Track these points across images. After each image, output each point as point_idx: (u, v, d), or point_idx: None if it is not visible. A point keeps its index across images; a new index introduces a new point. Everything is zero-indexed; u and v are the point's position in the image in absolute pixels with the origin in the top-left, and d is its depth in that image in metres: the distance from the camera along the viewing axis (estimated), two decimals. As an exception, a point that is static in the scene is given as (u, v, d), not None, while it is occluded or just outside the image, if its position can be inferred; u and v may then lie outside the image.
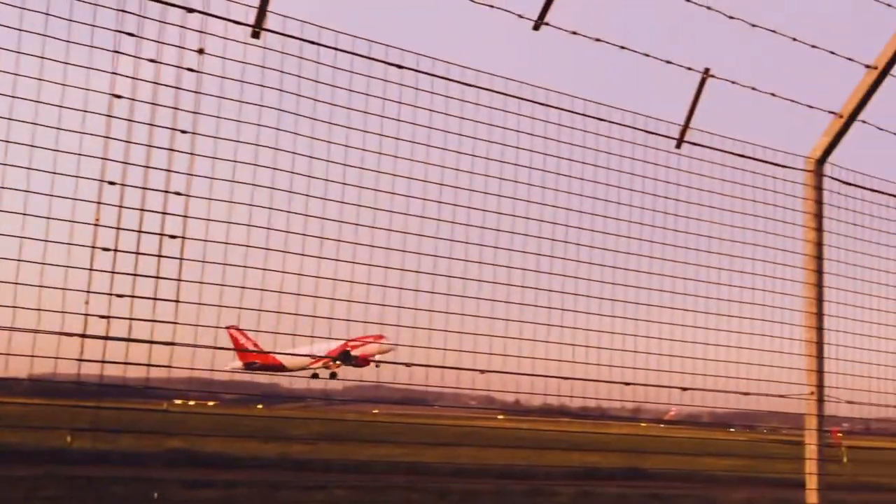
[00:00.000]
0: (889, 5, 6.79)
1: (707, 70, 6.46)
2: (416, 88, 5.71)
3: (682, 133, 6.69)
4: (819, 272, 7.23)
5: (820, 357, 7.07)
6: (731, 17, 6.28)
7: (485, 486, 19.08)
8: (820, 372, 7.04)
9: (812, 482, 6.95)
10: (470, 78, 5.90)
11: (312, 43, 5.42)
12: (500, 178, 6.03)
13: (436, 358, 5.69)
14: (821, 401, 7.01)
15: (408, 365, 5.64)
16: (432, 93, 5.74)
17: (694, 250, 6.77)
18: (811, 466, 6.95)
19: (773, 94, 6.78)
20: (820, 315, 7.16)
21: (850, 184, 7.55)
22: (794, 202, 7.35)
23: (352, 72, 5.53)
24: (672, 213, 6.70)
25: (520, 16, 5.73)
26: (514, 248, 6.05)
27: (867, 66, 7.00)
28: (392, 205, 5.63)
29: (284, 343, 5.35)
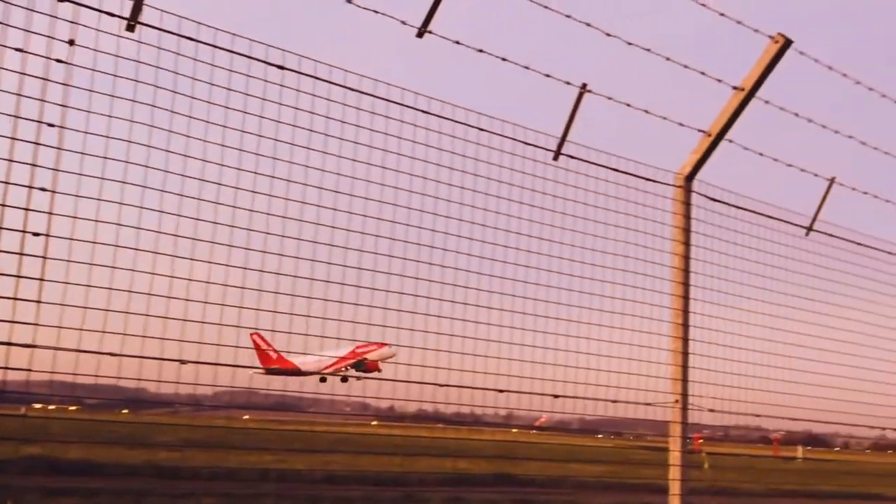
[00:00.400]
0: (756, 30, 7.10)
1: (584, 85, 6.61)
2: (298, 90, 5.64)
3: (560, 146, 6.82)
4: (686, 284, 7.48)
5: (685, 366, 7.32)
6: (608, 35, 6.44)
7: (356, 494, 18.97)
8: (684, 381, 7.28)
9: (675, 488, 7.18)
10: (353, 82, 5.87)
11: (190, 39, 5.28)
12: (382, 185, 6.02)
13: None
14: (685, 408, 7.25)
15: (279, 373, 5.54)
16: (313, 95, 5.68)
17: (568, 260, 6.92)
18: (674, 472, 7.18)
19: (646, 111, 6.99)
20: (686, 326, 7.41)
21: (715, 200, 7.86)
22: (664, 216, 7.59)
23: (231, 70, 5.41)
24: (548, 224, 6.83)
25: (403, 22, 5.73)
26: (392, 255, 6.04)
27: (734, 88, 7.30)
28: (269, 207, 5.53)
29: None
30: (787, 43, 7.07)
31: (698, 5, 6.72)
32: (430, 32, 5.89)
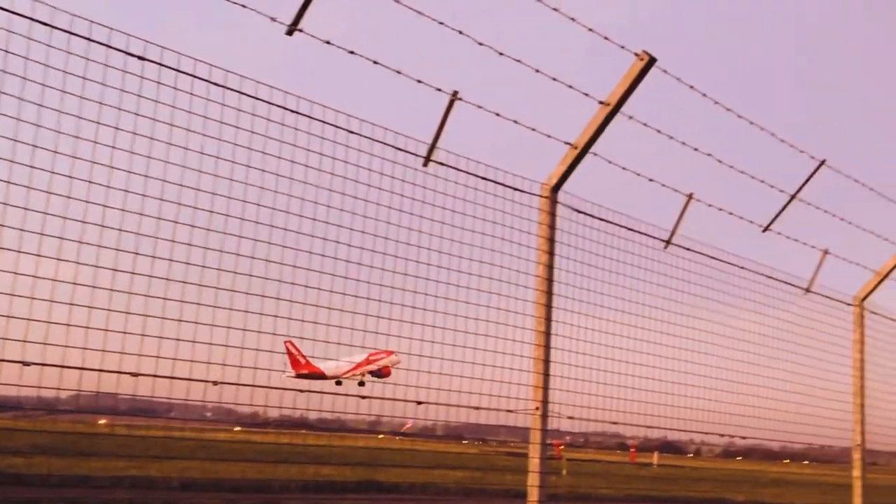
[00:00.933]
0: (622, 47, 7.28)
1: (455, 93, 6.62)
2: (159, 83, 5.42)
3: (430, 152, 6.82)
4: (549, 293, 7.59)
5: (546, 374, 7.41)
6: (480, 44, 6.47)
7: (213, 501, 18.50)
8: (545, 388, 7.38)
9: (534, 494, 7.26)
10: (218, 77, 5.69)
11: (44, 24, 4.99)
12: (246, 183, 5.87)
13: (165, 368, 5.41)
14: (545, 416, 7.34)
15: (134, 375, 5.31)
16: (175, 89, 5.47)
17: (435, 267, 6.91)
18: (533, 479, 7.26)
19: (515, 122, 7.05)
20: (548, 334, 7.51)
21: (580, 211, 8.01)
22: (531, 226, 7.68)
23: (87, 59, 5.15)
24: (415, 230, 6.81)
25: (273, 19, 5.60)
26: (255, 257, 5.89)
27: (600, 102, 7.46)
28: (125, 204, 5.29)
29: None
30: (652, 61, 7.28)
31: (588, 15, 6.84)
32: (300, 31, 5.77)
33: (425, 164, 6.84)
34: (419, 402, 6.61)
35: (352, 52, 6.00)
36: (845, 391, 11.58)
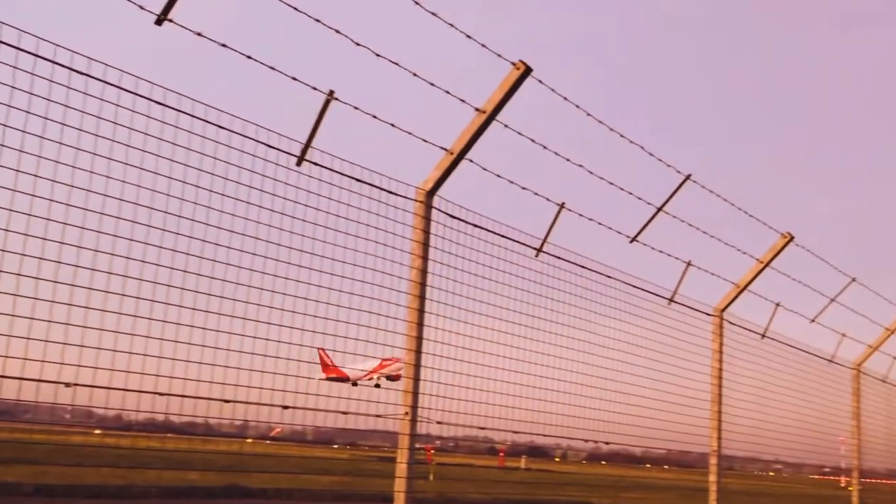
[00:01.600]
0: (499, 55, 7.34)
1: (331, 92, 6.52)
2: (15, 67, 5.12)
3: (304, 151, 6.69)
4: (422, 298, 7.57)
5: (416, 379, 7.38)
6: (358, 44, 6.40)
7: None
8: (415, 393, 7.35)
9: (400, 499, 7.21)
10: (80, 65, 5.42)
11: None
12: (107, 177, 5.61)
13: (14, 368, 5.11)
14: (414, 421, 7.31)
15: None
16: (32, 74, 5.18)
17: (307, 269, 6.79)
18: (400, 484, 7.22)
19: (392, 125, 7.00)
20: (420, 339, 7.49)
21: (454, 217, 8.02)
22: (406, 230, 7.64)
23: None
24: (287, 230, 6.67)
25: (141, 7, 5.38)
26: (115, 253, 5.64)
27: (477, 109, 7.50)
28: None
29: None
30: (528, 70, 7.36)
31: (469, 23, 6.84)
32: (170, 21, 5.57)
33: (299, 164, 6.71)
34: (285, 407, 6.47)
35: (224, 46, 5.82)
36: (705, 398, 12.00)
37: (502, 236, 8.64)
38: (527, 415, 9.17)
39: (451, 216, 7.98)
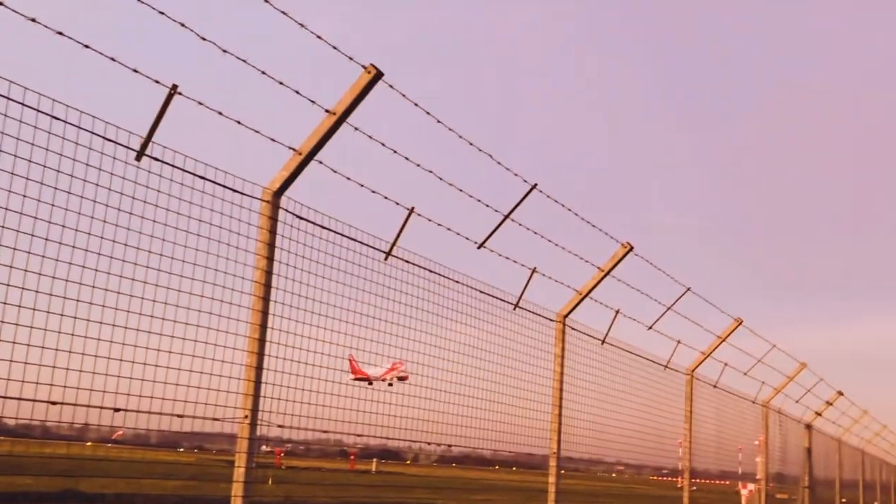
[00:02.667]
0: (351, 58, 7.32)
1: (175, 86, 6.35)
2: None
3: (143, 146, 6.48)
4: (266, 299, 7.46)
5: (258, 381, 7.27)
6: (203, 39, 6.26)
7: None
8: (256, 396, 7.23)
9: (237, 503, 7.08)
10: None
11: None
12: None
13: None
14: (254, 424, 7.19)
15: None
16: None
17: (144, 267, 6.57)
18: (238, 489, 7.09)
19: (238, 122, 6.88)
20: (263, 341, 7.38)
21: (302, 218, 7.95)
22: (251, 230, 7.51)
23: None
24: (125, 227, 6.44)
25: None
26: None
27: (327, 111, 7.46)
28: None
29: None
30: (379, 74, 7.38)
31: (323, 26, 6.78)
32: (1, 4, 5.29)
33: (138, 159, 6.49)
34: (116, 409, 6.24)
35: (60, 34, 5.58)
36: (549, 402, 12.31)
37: (351, 239, 8.62)
38: (376, 418, 9.19)
39: (298, 217, 7.90)
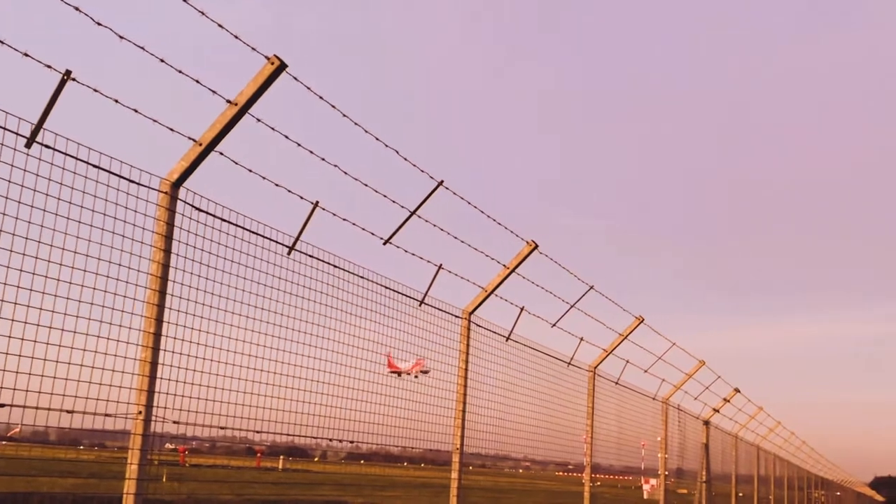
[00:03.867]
0: (254, 49, 7.21)
1: (68, 72, 6.14)
2: None
3: (34, 133, 6.26)
4: (162, 293, 7.30)
5: (152, 377, 7.10)
6: (99, 24, 6.09)
7: None
8: (150, 392, 7.07)
9: (129, 501, 6.92)
10: None
11: None
12: None
13: None
14: (147, 420, 7.03)
15: None
16: None
17: (33, 258, 6.35)
18: (130, 486, 6.92)
19: (136, 111, 6.71)
20: (158, 336, 7.21)
21: (201, 210, 7.79)
22: (147, 221, 7.33)
23: None
24: (13, 217, 6.22)
25: None
26: None
27: (228, 101, 7.34)
28: None
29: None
30: (282, 66, 7.29)
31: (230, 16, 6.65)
32: None
33: (28, 146, 6.27)
34: (1, 405, 6.02)
35: (-57, 12, 5.35)
36: (454, 398, 12.36)
37: (253, 232, 8.49)
38: (280, 415, 9.07)
39: (197, 209, 7.75)
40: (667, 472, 24.32)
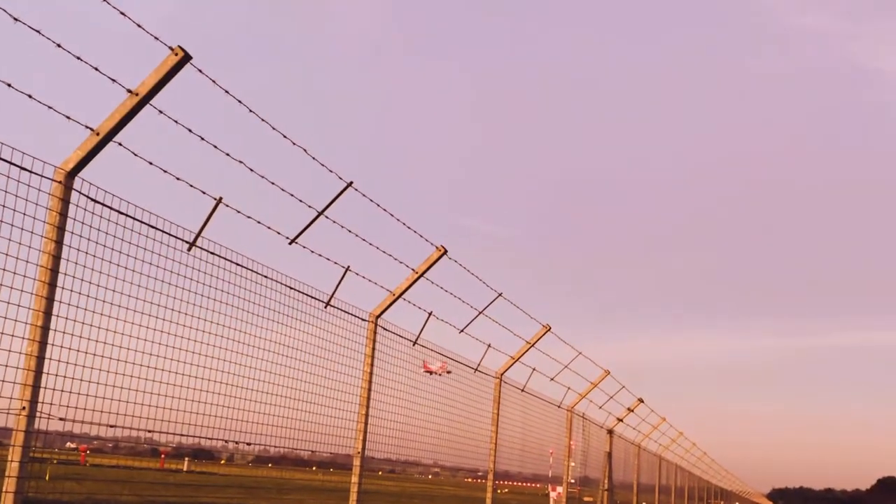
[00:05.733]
0: (157, 38, 7.06)
1: (-43, 52, 5.92)
2: None
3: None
4: (53, 286, 7.06)
5: (38, 372, 6.87)
6: (-9, 4, 5.87)
7: None
8: (35, 387, 6.83)
9: (9, 500, 6.68)
10: None
11: None
12: None
13: None
14: (31, 416, 6.79)
15: None
16: None
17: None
18: (10, 484, 6.68)
19: (30, 96, 6.50)
20: (46, 329, 6.98)
21: (97, 201, 7.58)
22: (40, 211, 7.10)
23: None
24: None
25: None
26: None
27: (129, 91, 7.16)
28: None
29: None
30: (186, 57, 7.15)
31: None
32: None
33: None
34: None
35: None
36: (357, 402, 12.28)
37: (151, 226, 8.29)
38: (180, 416, 8.88)
39: (93, 200, 7.53)
40: (573, 480, 24.63)
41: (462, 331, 14.44)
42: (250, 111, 8.17)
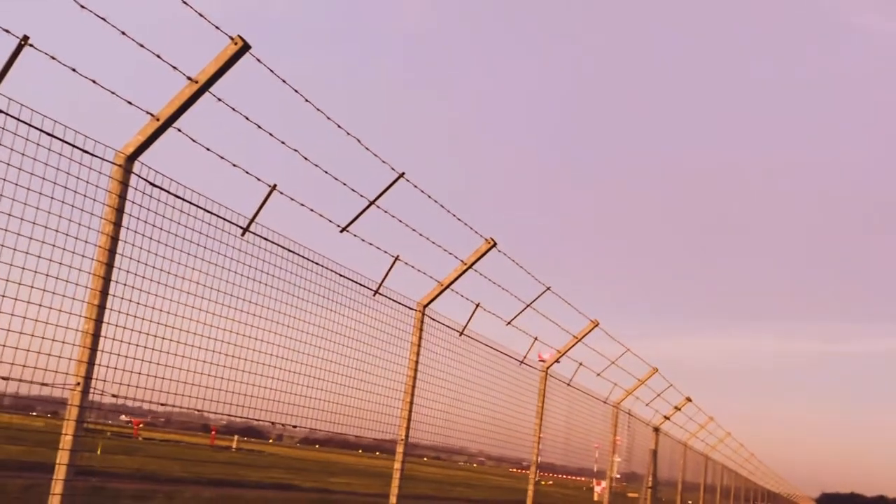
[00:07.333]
0: (217, 28, 7.21)
1: (26, 37, 6.10)
2: None
3: (-13, 97, 6.21)
4: (110, 266, 7.26)
5: (94, 349, 7.08)
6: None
7: None
8: (90, 363, 7.04)
9: (62, 471, 6.91)
10: None
11: None
12: None
13: None
14: (85, 392, 7.00)
15: None
16: None
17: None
18: (63, 456, 6.91)
19: (94, 82, 6.68)
20: (102, 308, 7.19)
21: (155, 185, 7.77)
22: (100, 193, 7.30)
23: None
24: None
25: None
26: None
27: (189, 78, 7.32)
28: None
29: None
30: (246, 46, 7.28)
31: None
32: None
33: (-19, 112, 6.22)
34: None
35: None
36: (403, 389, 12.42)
37: (207, 211, 8.46)
38: (229, 396, 9.07)
39: (152, 184, 7.72)
40: (618, 476, 24.57)
41: (509, 322, 14.48)
42: (306, 101, 8.30)
